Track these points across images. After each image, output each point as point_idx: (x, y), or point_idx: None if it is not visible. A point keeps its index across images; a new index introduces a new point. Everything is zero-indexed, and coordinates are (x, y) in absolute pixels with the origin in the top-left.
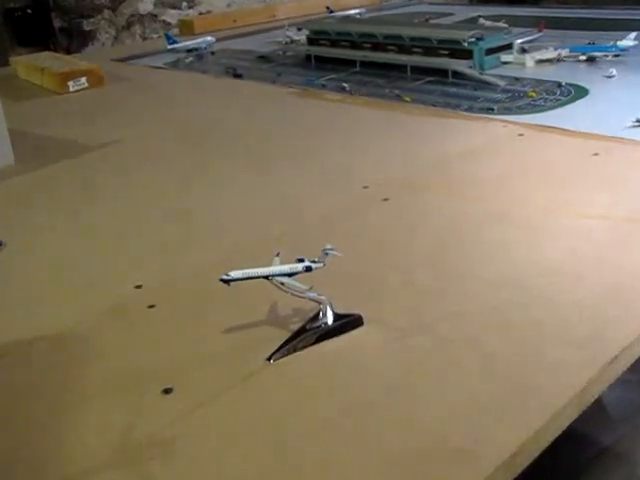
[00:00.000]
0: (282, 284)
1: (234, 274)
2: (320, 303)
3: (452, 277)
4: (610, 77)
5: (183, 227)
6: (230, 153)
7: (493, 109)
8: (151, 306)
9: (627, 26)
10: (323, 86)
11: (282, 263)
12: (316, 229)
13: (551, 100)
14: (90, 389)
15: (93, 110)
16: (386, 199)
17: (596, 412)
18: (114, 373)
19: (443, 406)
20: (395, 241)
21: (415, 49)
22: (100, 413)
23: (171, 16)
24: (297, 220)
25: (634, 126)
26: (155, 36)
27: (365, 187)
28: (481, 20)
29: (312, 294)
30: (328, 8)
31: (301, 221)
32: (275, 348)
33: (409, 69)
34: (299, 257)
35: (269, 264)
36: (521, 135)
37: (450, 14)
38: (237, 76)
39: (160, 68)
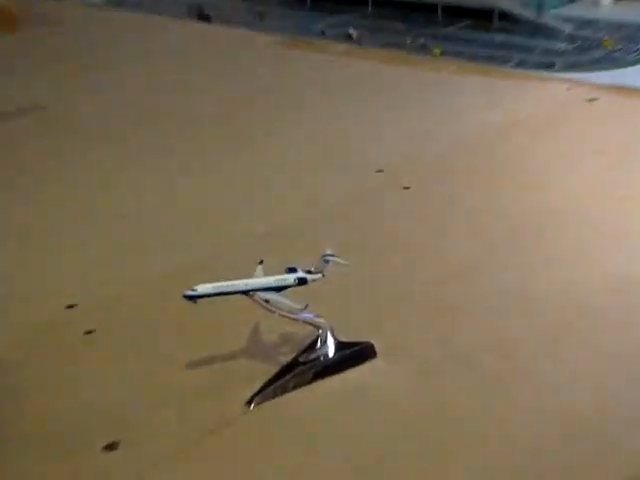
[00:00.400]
0: (267, 302)
1: (202, 289)
2: (318, 327)
3: (495, 292)
4: None
5: (134, 227)
6: (197, 128)
7: (554, 64)
8: (89, 332)
9: None
10: (322, 33)
11: (267, 274)
12: (313, 228)
13: (635, 52)
14: (11, 444)
15: (5, 62)
16: (407, 187)
17: None
18: (40, 422)
19: None
20: (419, 243)
21: None
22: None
23: None
24: (287, 216)
25: None
26: None
27: (379, 171)
28: None
29: (307, 315)
30: None
31: (293, 218)
32: (257, 388)
33: (440, 10)
34: (290, 266)
35: (249, 275)
36: (592, 100)
37: None
38: (204, 18)
39: (99, 7)
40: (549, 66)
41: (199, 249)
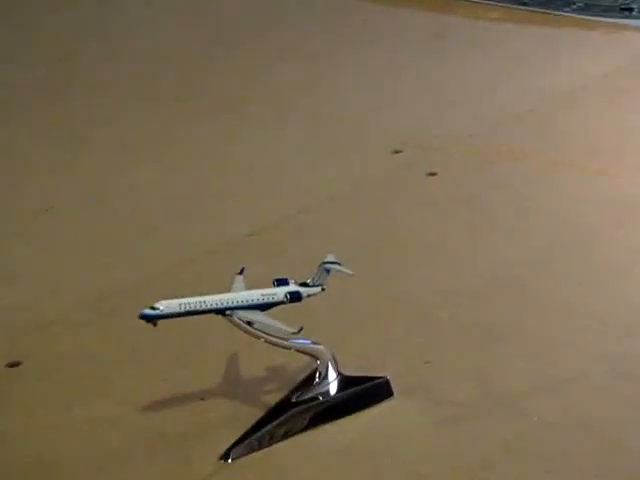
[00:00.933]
0: (249, 324)
1: (165, 306)
2: (316, 358)
3: (546, 313)
4: None
5: (83, 223)
6: (162, 97)
7: (632, 8)
8: (13, 364)
9: None
10: None
11: (250, 287)
12: (311, 225)
13: None
14: None
15: None
16: (432, 173)
17: None
18: None
19: None
20: (448, 248)
21: None
22: None
23: None
24: (278, 210)
25: None
26: None
27: (397, 152)
28: None
29: (302, 341)
30: None
31: (285, 211)
32: (236, 437)
33: None
34: (279, 277)
35: (226, 288)
36: None
37: None
38: None
39: None
40: (625, 9)
41: (162, 254)
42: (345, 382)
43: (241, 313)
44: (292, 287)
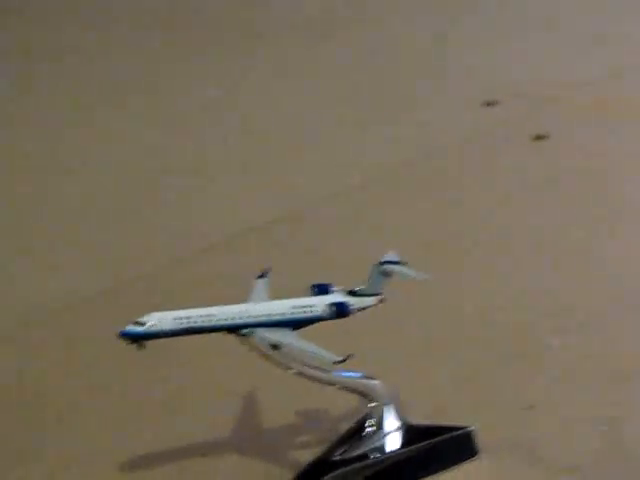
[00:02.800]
0: (275, 347)
1: (155, 320)
2: (369, 398)
3: None
4: None
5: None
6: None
7: None
8: None
9: None
10: None
11: (275, 295)
12: (364, 208)
13: None
14: None
15: None
16: (540, 136)
17: None
18: None
19: None
20: (561, 244)
21: None
22: None
23: None
24: (317, 186)
25: None
26: None
27: (490, 104)
28: None
29: (350, 375)
30: None
31: (328, 188)
32: None
33: None
34: (318, 283)
35: (242, 298)
36: None
37: None
38: None
39: None
40: None
41: (149, 249)
42: (410, 434)
43: (264, 332)
44: (337, 296)
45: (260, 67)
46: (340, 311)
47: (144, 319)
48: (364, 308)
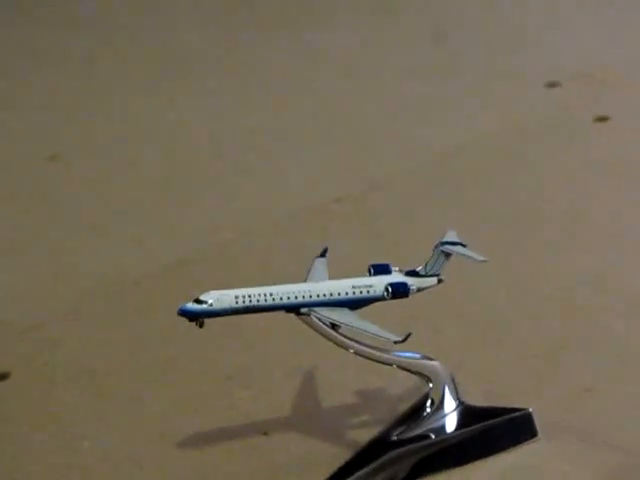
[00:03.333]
0: (334, 327)
1: (215, 299)
2: (428, 378)
3: None
4: None
5: (100, 178)
6: None
7: None
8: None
9: None
10: None
11: (334, 275)
12: (422, 189)
13: None
14: None
15: None
16: (602, 118)
17: None
18: None
19: None
20: (625, 228)
21: None
22: None
23: None
24: (380, 166)
25: None
26: None
27: (552, 85)
28: None
29: (409, 355)
30: None
31: (389, 167)
32: None
33: None
34: (377, 263)
35: (301, 277)
36: None
37: None
38: None
39: None
40: None
41: (210, 224)
42: (469, 415)
43: (323, 312)
44: (396, 277)
45: (339, 39)
46: (399, 291)
47: (204, 297)
48: (423, 288)
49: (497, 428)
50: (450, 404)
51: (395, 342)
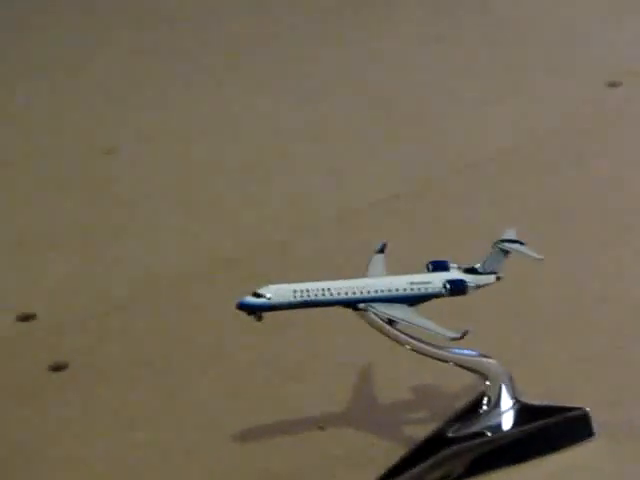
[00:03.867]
0: (391, 323)
1: (274, 293)
2: (485, 376)
3: None
4: None
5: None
6: None
7: None
8: (58, 368)
9: None
10: None
11: (392, 271)
12: (481, 186)
13: None
14: None
15: None
16: None
17: None
18: None
19: None
20: None
21: None
22: None
23: None
24: (439, 162)
25: None
26: None
27: (614, 84)
28: None
29: (467, 352)
30: None
31: (450, 164)
32: None
33: None
34: (436, 260)
35: (359, 272)
36: None
37: None
38: None
39: None
40: None
41: (266, 217)
42: (525, 413)
43: (381, 307)
44: (454, 274)
45: (391, 35)
46: (457, 288)
47: (262, 291)
48: (481, 286)
49: (553, 427)
50: (506, 402)
51: (452, 339)
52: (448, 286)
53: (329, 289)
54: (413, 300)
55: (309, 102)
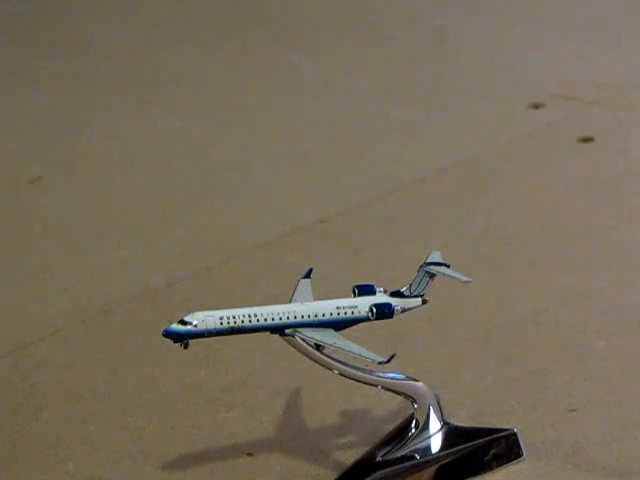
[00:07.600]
0: (319, 348)
1: (200, 320)
2: (413, 399)
3: None
4: None
5: (79, 197)
6: None
7: None
8: None
9: None
10: None
11: (318, 295)
12: (407, 210)
13: None
14: None
15: None
16: (587, 139)
17: None
18: None
19: None
20: (609, 248)
21: None
22: None
23: None
24: (364, 188)
25: None
26: None
27: (537, 106)
28: None
29: (394, 375)
30: None
31: (373, 190)
32: None
33: None
34: (361, 283)
35: (285, 298)
36: None
37: None
38: None
39: None
40: None
41: (191, 245)
42: (454, 435)
43: (308, 332)
44: (380, 297)
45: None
46: (383, 312)
47: (188, 318)
48: (408, 309)
49: (482, 448)
50: (435, 425)
51: (379, 363)
52: (374, 310)
53: (255, 315)
54: (340, 324)
55: (233, 129)
